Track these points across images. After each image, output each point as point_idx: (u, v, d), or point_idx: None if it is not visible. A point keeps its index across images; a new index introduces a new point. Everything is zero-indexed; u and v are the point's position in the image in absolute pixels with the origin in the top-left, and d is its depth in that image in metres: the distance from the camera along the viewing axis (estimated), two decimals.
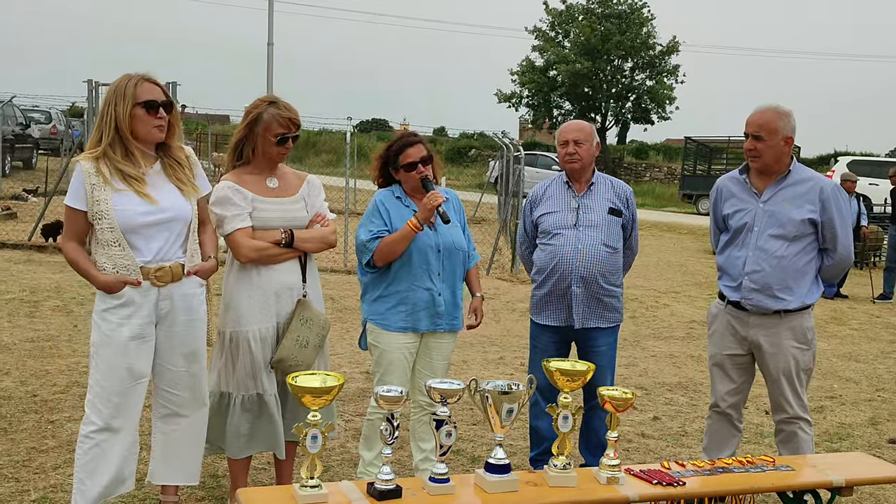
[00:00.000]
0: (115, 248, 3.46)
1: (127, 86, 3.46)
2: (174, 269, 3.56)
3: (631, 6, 40.07)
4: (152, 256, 3.51)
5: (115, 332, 3.49)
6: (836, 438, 5.76)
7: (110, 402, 3.50)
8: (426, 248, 4.06)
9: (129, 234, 3.46)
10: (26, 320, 7.79)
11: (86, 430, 3.53)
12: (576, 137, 4.38)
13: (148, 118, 3.48)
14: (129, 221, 3.45)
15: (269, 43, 22.55)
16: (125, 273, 3.47)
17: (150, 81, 3.52)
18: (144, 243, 3.49)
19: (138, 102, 3.46)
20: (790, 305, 4.07)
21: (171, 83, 11.75)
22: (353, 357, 7.07)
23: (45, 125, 26.72)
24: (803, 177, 4.13)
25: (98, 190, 3.44)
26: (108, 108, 3.47)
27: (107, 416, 3.50)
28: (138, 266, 3.48)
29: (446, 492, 2.85)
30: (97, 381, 3.52)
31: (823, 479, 3.32)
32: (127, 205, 3.45)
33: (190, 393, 3.69)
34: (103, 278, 3.46)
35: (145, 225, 3.48)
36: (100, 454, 3.51)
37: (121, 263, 3.47)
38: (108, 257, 3.47)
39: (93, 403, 3.52)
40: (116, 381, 3.50)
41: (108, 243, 3.46)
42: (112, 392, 3.50)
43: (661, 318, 10.02)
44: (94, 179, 3.44)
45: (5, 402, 5.48)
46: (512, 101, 41.84)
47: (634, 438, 5.50)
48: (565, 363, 3.17)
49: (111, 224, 3.44)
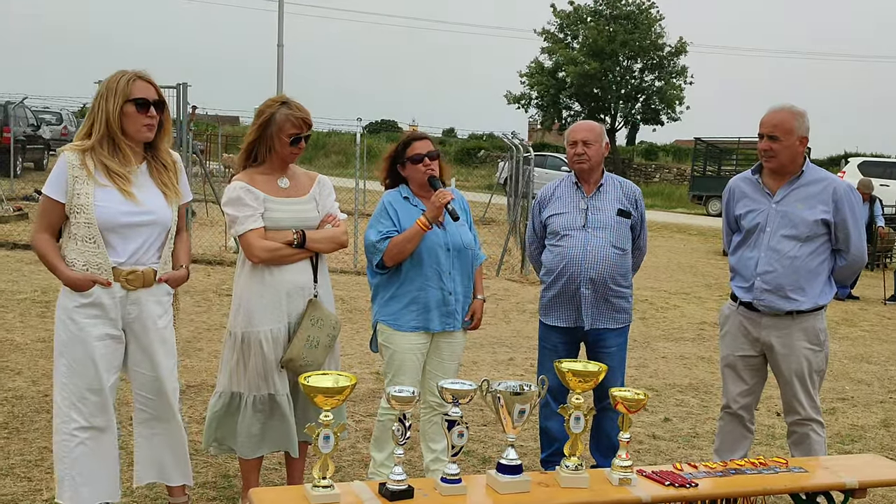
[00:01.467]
0: (89, 244, 3.40)
1: (119, 81, 3.42)
2: (146, 273, 3.50)
3: (639, 7, 40.01)
4: (127, 258, 3.45)
5: (84, 332, 3.43)
6: (849, 440, 5.73)
7: (87, 401, 3.45)
8: (436, 248, 4.06)
9: (107, 231, 3.40)
10: (38, 320, 7.81)
11: (67, 427, 3.45)
12: (585, 138, 4.37)
13: (138, 116, 3.44)
14: (110, 219, 3.39)
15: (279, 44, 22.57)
16: (96, 271, 3.41)
17: (144, 79, 3.47)
18: (121, 243, 3.44)
19: (129, 99, 3.42)
20: (802, 306, 4.05)
21: (182, 84, 11.81)
22: (364, 358, 7.07)
23: (56, 126, 26.85)
24: (816, 177, 4.11)
25: (80, 183, 3.38)
26: (99, 103, 3.42)
27: (87, 414, 3.46)
28: (111, 266, 3.42)
29: (458, 492, 2.84)
30: (71, 380, 3.45)
31: (836, 480, 3.30)
32: (108, 201, 3.39)
33: (161, 399, 3.64)
34: (72, 275, 3.40)
35: (125, 225, 3.42)
36: (88, 453, 3.46)
37: (93, 261, 3.40)
38: (80, 253, 3.40)
39: (70, 402, 3.45)
40: (89, 378, 3.45)
41: (82, 238, 3.39)
42: (86, 390, 3.45)
43: (671, 320, 10.00)
44: (78, 172, 3.38)
45: (18, 401, 5.50)
46: (521, 102, 41.84)
47: (645, 440, 5.49)
48: (577, 364, 3.16)
49: (89, 219, 3.37)
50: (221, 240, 13.00)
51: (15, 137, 17.93)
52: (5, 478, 4.28)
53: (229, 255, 11.87)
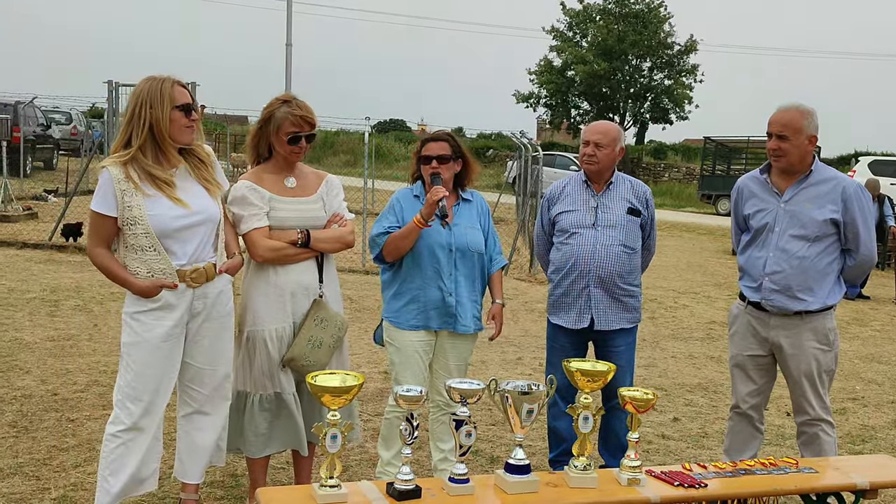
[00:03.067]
0: (150, 252, 3.47)
1: (162, 88, 3.47)
2: (207, 269, 3.58)
3: (648, 5, 39.94)
4: (187, 259, 3.52)
5: (149, 333, 3.50)
6: (859, 441, 5.70)
7: (141, 402, 3.52)
8: (437, 247, 4.05)
9: (164, 238, 3.47)
10: (47, 319, 7.84)
11: (113, 429, 3.54)
12: (597, 140, 4.35)
13: (184, 120, 3.51)
14: (164, 227, 3.46)
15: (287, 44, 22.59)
16: (161, 276, 3.49)
17: (181, 84, 3.55)
18: (179, 247, 3.51)
19: (176, 105, 3.48)
20: (811, 306, 4.03)
21: (191, 83, 11.80)
22: (372, 357, 7.07)
23: (66, 126, 26.97)
24: (825, 176, 4.08)
25: (129, 195, 3.44)
26: (141, 111, 3.45)
27: (137, 415, 3.52)
28: (174, 269, 3.49)
29: (466, 492, 2.83)
30: (128, 381, 3.52)
31: (847, 481, 3.28)
32: (160, 210, 3.46)
33: (213, 390, 3.70)
34: (141, 284, 3.47)
35: (179, 229, 3.49)
36: (125, 452, 3.52)
37: (157, 268, 3.48)
38: (143, 262, 3.48)
39: (122, 403, 3.53)
40: (149, 381, 3.52)
41: (142, 248, 3.47)
42: (143, 392, 3.51)
43: (680, 319, 9.97)
44: (125, 185, 3.44)
45: (26, 400, 5.51)
46: (530, 101, 41.84)
47: (654, 440, 5.47)
48: (586, 363, 3.15)
49: (146, 230, 3.44)
50: None
51: (25, 137, 18.00)
52: (14, 476, 4.29)
53: None
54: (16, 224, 14.03)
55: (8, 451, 4.63)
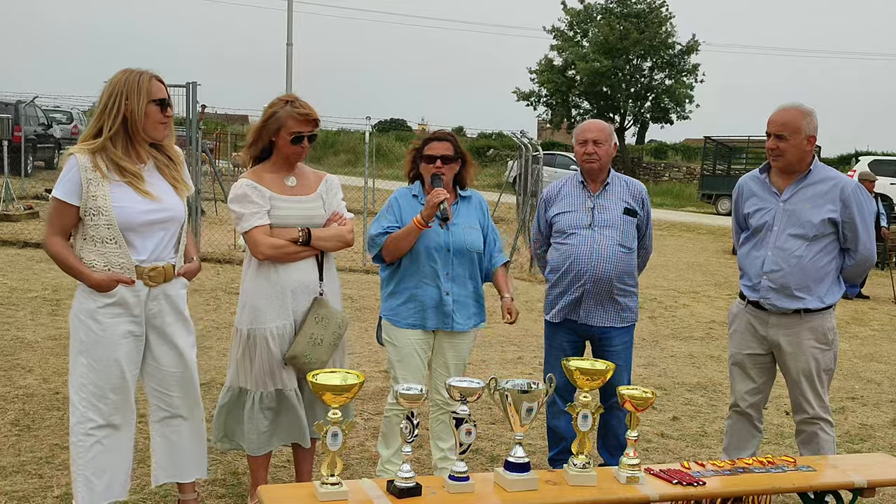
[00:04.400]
0: (110, 245, 3.40)
1: (140, 81, 3.42)
2: (167, 269, 3.53)
3: (649, 5, 39.92)
4: (148, 255, 3.46)
5: (107, 332, 3.44)
6: (858, 440, 5.72)
7: (108, 400, 3.47)
8: (435, 247, 4.07)
9: (128, 231, 3.40)
10: (48, 318, 7.86)
11: (84, 428, 3.46)
12: (595, 137, 4.37)
13: (159, 115, 3.47)
14: (129, 219, 3.39)
15: (288, 43, 22.64)
16: (118, 271, 3.41)
17: (157, 79, 3.50)
18: (141, 242, 3.44)
19: (153, 99, 3.44)
20: (809, 305, 4.04)
21: (192, 83, 11.83)
22: (372, 356, 7.08)
23: (67, 125, 26.93)
24: (824, 176, 4.10)
25: (95, 185, 3.36)
26: (115, 101, 3.39)
27: (106, 413, 3.47)
28: (133, 264, 3.43)
29: (466, 490, 2.85)
30: (91, 379, 3.45)
31: (845, 479, 3.30)
32: (127, 202, 3.39)
33: (183, 393, 3.67)
34: (96, 277, 3.39)
35: (145, 223, 3.43)
36: (103, 451, 3.48)
37: (115, 261, 3.41)
38: (101, 254, 3.40)
39: (88, 402, 3.46)
40: (113, 377, 3.46)
41: (102, 240, 3.39)
42: (108, 389, 3.46)
43: (680, 319, 9.98)
44: (91, 174, 3.36)
45: (28, 399, 5.53)
46: (530, 100, 41.79)
47: (654, 438, 5.49)
48: (585, 362, 3.16)
49: (109, 221, 3.37)
50: (230, 238, 13.03)
51: (26, 136, 18.00)
52: (16, 474, 4.31)
53: (238, 254, 11.89)
54: (17, 223, 14.04)
55: (10, 449, 4.65)
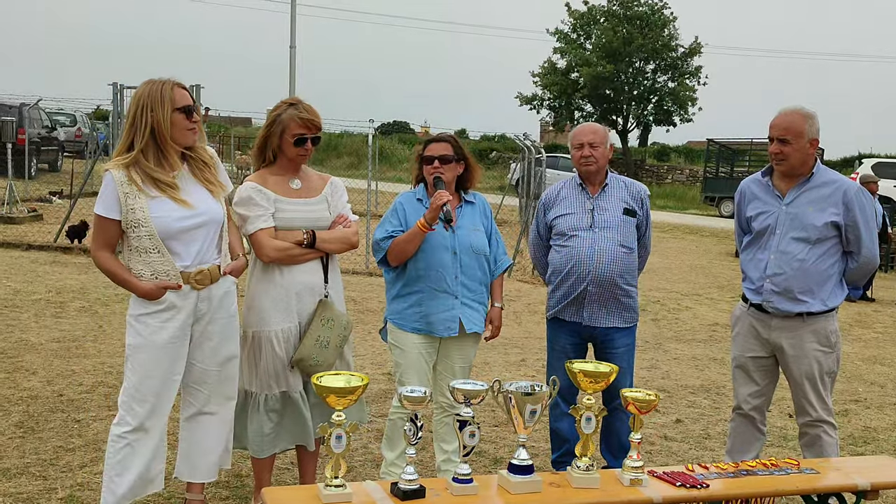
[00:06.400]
0: (154, 254, 3.47)
1: (163, 90, 3.47)
2: (212, 270, 3.60)
3: (652, 7, 39.91)
4: (191, 260, 3.53)
5: (155, 336, 3.51)
6: (861, 442, 5.72)
7: (146, 403, 3.53)
8: (441, 250, 4.07)
9: (169, 240, 3.48)
10: (52, 321, 7.87)
11: (119, 430, 3.55)
12: (591, 140, 4.39)
13: (186, 123, 3.52)
14: (168, 228, 3.46)
15: (291, 46, 22.67)
16: (165, 278, 3.49)
17: (181, 86, 3.55)
18: (184, 248, 3.52)
19: (177, 108, 3.48)
20: (812, 308, 4.05)
21: (195, 86, 11.84)
22: (376, 358, 7.09)
23: (71, 128, 27.00)
24: (826, 179, 4.10)
25: (132, 198, 3.44)
26: (142, 114, 3.46)
27: (142, 416, 3.53)
28: (178, 271, 3.50)
29: (470, 492, 2.86)
30: (133, 383, 3.53)
31: (849, 482, 3.30)
32: (163, 211, 3.46)
33: (217, 389, 3.72)
34: (145, 286, 3.47)
35: (183, 230, 3.50)
36: (130, 453, 3.54)
37: (160, 269, 3.49)
38: (147, 264, 3.48)
39: (128, 405, 3.54)
40: (155, 383, 3.53)
41: (146, 250, 3.47)
42: (149, 394, 3.53)
43: (683, 321, 9.98)
44: (128, 188, 3.44)
45: (32, 401, 5.54)
46: (533, 103, 41.79)
47: (657, 441, 5.49)
48: (588, 364, 3.17)
49: (149, 232, 3.45)
50: None
51: (30, 139, 18.02)
52: (21, 476, 4.32)
53: None
54: (21, 226, 14.08)
55: (15, 451, 4.66)
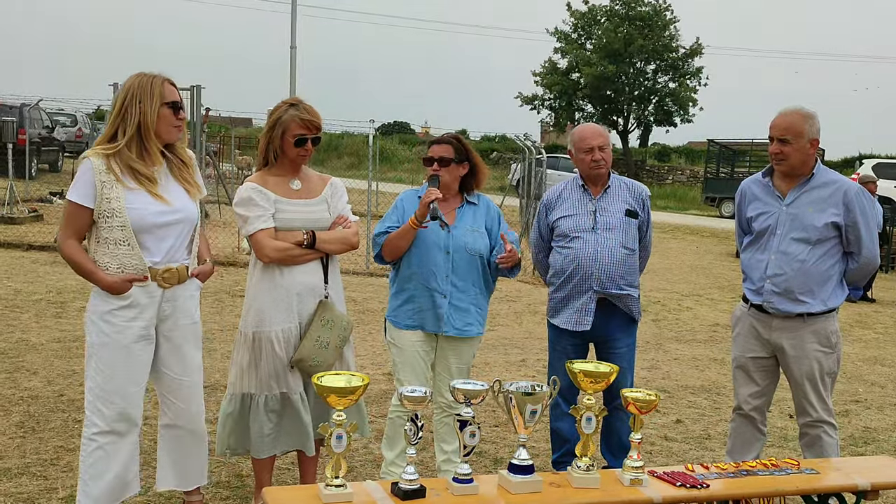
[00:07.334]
0: (123, 247, 3.41)
1: (153, 84, 3.45)
2: (180, 270, 3.55)
3: (653, 8, 39.93)
4: (161, 257, 3.48)
5: (119, 335, 3.44)
6: (862, 443, 5.72)
7: (113, 405, 3.46)
8: (435, 249, 4.08)
9: (141, 233, 3.42)
10: (53, 321, 7.88)
11: (88, 432, 3.48)
12: (600, 143, 4.39)
13: (172, 119, 3.50)
14: (143, 221, 3.41)
15: (291, 46, 22.66)
16: (131, 272, 3.43)
17: (170, 83, 3.53)
18: (155, 244, 3.47)
19: (165, 102, 3.46)
20: (812, 309, 4.05)
21: (196, 86, 11.87)
22: (376, 359, 7.09)
23: (71, 128, 27.01)
24: (827, 180, 4.10)
25: (109, 188, 3.39)
26: (130, 105, 3.42)
27: (110, 418, 3.47)
28: (146, 266, 3.44)
29: (470, 492, 2.86)
30: (98, 383, 3.46)
31: (849, 482, 3.30)
32: (140, 204, 3.41)
33: (186, 404, 3.68)
34: (109, 279, 3.40)
35: (158, 225, 3.46)
36: (104, 457, 3.48)
37: (128, 263, 3.42)
38: (114, 256, 3.42)
39: (94, 405, 3.47)
40: (119, 382, 3.46)
41: (115, 242, 3.41)
42: (114, 394, 3.46)
43: (683, 321, 9.98)
44: (105, 177, 3.39)
45: (33, 401, 5.54)
46: (534, 103, 41.80)
47: (657, 441, 5.49)
48: (589, 365, 3.17)
49: (123, 223, 3.39)
50: (235, 241, 13.05)
51: (30, 139, 18.03)
52: (21, 476, 4.32)
53: (242, 257, 11.91)
54: (21, 226, 14.07)
55: (15, 451, 4.66)
